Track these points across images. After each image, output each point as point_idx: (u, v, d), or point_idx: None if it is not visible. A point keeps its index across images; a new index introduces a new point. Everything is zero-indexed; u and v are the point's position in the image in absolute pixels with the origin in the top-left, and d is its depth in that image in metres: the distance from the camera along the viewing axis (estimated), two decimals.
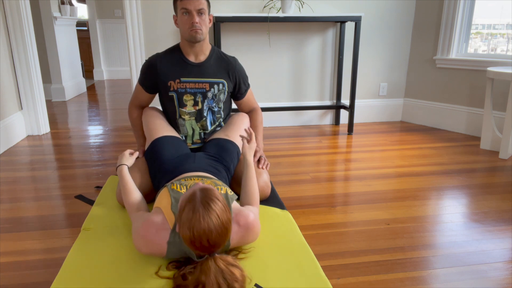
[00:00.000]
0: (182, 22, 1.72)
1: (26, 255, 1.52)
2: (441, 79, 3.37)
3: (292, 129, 3.45)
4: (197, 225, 1.06)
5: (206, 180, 1.42)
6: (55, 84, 4.72)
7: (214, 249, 1.10)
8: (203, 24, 1.73)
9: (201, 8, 1.70)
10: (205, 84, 1.82)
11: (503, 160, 2.62)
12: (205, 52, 1.83)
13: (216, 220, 1.07)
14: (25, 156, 2.70)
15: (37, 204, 1.97)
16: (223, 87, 1.85)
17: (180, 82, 1.80)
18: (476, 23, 3.20)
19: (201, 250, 1.10)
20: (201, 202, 1.09)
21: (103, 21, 6.36)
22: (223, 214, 1.09)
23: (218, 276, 1.07)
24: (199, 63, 1.82)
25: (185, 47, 1.81)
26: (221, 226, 1.08)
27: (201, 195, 1.11)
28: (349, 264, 1.47)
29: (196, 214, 1.07)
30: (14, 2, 2.93)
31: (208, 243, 1.07)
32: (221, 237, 1.09)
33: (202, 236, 1.06)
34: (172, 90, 1.81)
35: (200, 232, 1.06)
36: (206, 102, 1.84)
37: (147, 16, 3.10)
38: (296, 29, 3.33)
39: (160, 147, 1.70)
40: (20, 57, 3.05)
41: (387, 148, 2.89)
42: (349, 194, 2.10)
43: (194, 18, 1.69)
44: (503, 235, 1.68)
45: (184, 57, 1.81)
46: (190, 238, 1.07)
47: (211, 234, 1.06)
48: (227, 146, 1.76)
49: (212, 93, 1.84)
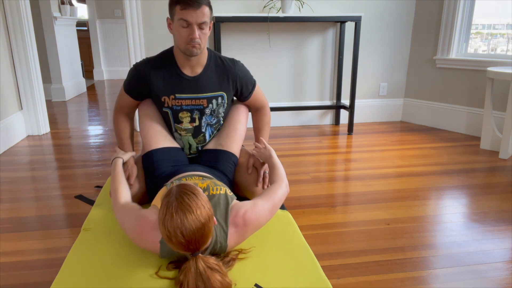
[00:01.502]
0: (179, 33, 1.49)
1: (26, 255, 1.52)
2: (441, 79, 3.37)
3: (292, 129, 3.45)
4: (169, 219, 1.04)
5: (206, 179, 1.42)
6: (55, 84, 4.72)
7: (194, 247, 1.07)
8: (203, 38, 1.52)
9: (204, 22, 1.47)
10: (202, 100, 1.64)
11: (503, 160, 2.62)
12: (202, 63, 1.62)
13: (190, 215, 1.04)
14: (25, 156, 2.70)
15: (37, 204, 1.97)
16: (222, 100, 1.68)
17: (175, 98, 1.62)
18: (476, 23, 3.21)
19: (181, 248, 1.07)
20: (176, 196, 1.07)
21: (103, 21, 6.36)
22: (199, 209, 1.06)
23: (197, 279, 1.05)
24: (195, 76, 1.62)
25: (179, 58, 1.60)
26: (195, 220, 1.04)
27: (177, 190, 1.10)
28: (349, 264, 1.47)
29: (170, 208, 1.05)
30: (14, 2, 2.93)
31: (184, 239, 1.04)
32: (198, 232, 1.05)
33: (176, 231, 1.03)
34: (166, 106, 1.65)
35: (173, 226, 1.03)
36: (204, 119, 1.68)
37: (147, 16, 3.10)
38: (296, 29, 3.33)
39: (157, 159, 1.64)
40: (20, 57, 3.05)
41: (387, 148, 2.89)
42: (349, 194, 2.10)
43: (194, 34, 1.47)
44: (503, 235, 1.68)
45: (179, 70, 1.61)
46: (167, 235, 1.05)
47: (184, 228, 1.03)
48: (221, 157, 1.68)
49: (210, 109, 1.67)
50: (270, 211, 1.34)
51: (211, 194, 1.31)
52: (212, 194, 1.31)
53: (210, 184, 1.36)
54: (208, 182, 1.38)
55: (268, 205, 1.33)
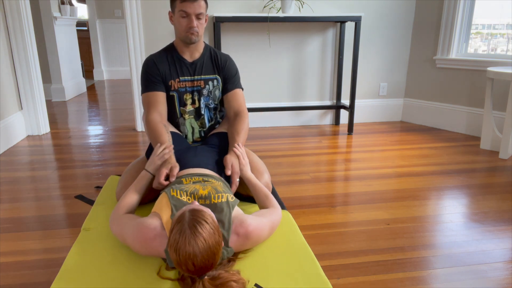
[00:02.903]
0: (179, 23, 1.74)
1: (26, 255, 1.52)
2: (441, 79, 3.37)
3: (292, 129, 3.45)
4: (183, 248, 1.04)
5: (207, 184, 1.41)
6: (55, 84, 4.72)
7: (201, 273, 1.08)
8: (200, 28, 1.76)
9: (201, 13, 1.72)
10: (200, 82, 1.85)
11: (503, 160, 2.62)
12: (200, 49, 1.86)
13: (202, 244, 1.05)
14: (25, 156, 2.70)
15: (37, 204, 1.97)
16: (217, 83, 1.88)
17: (180, 81, 1.83)
18: (476, 23, 3.20)
19: (189, 274, 1.09)
20: (189, 224, 1.07)
21: (103, 21, 6.36)
22: (210, 238, 1.07)
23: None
24: (193, 61, 1.85)
25: (180, 45, 1.84)
26: (207, 250, 1.06)
27: (190, 216, 1.09)
28: (349, 264, 1.47)
29: (182, 237, 1.05)
30: (14, 2, 2.93)
31: (193, 267, 1.06)
32: (207, 261, 1.06)
33: (187, 260, 1.05)
34: (173, 89, 1.83)
35: (185, 256, 1.04)
36: (202, 100, 1.87)
37: (147, 16, 3.10)
38: (296, 29, 3.33)
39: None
40: (20, 57, 3.05)
41: (387, 148, 2.89)
42: (349, 194, 2.10)
43: (192, 23, 1.72)
44: (503, 235, 1.68)
45: (180, 55, 1.84)
46: (177, 261, 1.06)
47: (196, 258, 1.04)
48: (226, 139, 1.81)
49: (207, 90, 1.86)
50: (268, 233, 1.39)
51: (212, 203, 1.31)
52: (213, 203, 1.31)
53: (212, 191, 1.35)
54: (209, 189, 1.37)
55: (268, 226, 1.38)
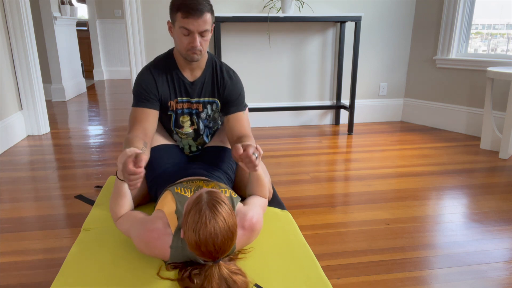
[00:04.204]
0: (180, 39, 1.48)
1: (26, 255, 1.52)
2: (441, 79, 3.37)
3: (292, 129, 3.45)
4: (203, 228, 1.03)
5: (210, 182, 1.41)
6: (55, 84, 4.72)
7: (219, 255, 1.08)
8: (204, 45, 1.50)
9: (205, 30, 1.46)
10: (198, 105, 1.66)
11: (503, 160, 2.62)
12: (202, 66, 1.62)
13: (223, 224, 1.04)
14: (25, 156, 2.70)
15: (37, 204, 1.97)
16: (216, 107, 1.68)
17: (178, 102, 1.64)
18: (476, 23, 3.20)
19: (207, 256, 1.07)
20: (208, 204, 1.07)
21: (103, 21, 6.36)
22: (229, 218, 1.07)
23: (221, 284, 1.06)
24: (194, 81, 1.63)
25: (180, 61, 1.60)
26: (227, 230, 1.05)
27: (208, 197, 1.09)
28: (349, 264, 1.47)
29: (203, 217, 1.04)
30: (14, 2, 2.93)
31: (214, 248, 1.05)
32: (227, 242, 1.06)
33: (208, 240, 1.03)
34: (171, 110, 1.65)
35: (206, 235, 1.03)
36: (201, 122, 1.71)
37: (147, 16, 3.10)
38: (296, 29, 3.33)
39: (157, 156, 1.64)
40: (20, 57, 3.05)
41: (387, 148, 2.89)
42: (349, 194, 2.10)
43: (195, 42, 1.45)
44: (503, 235, 1.68)
45: (180, 73, 1.61)
46: (196, 242, 1.05)
47: (216, 237, 1.04)
48: (222, 154, 1.70)
49: (205, 113, 1.69)
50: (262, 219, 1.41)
51: None
52: None
53: (215, 187, 1.36)
54: (213, 185, 1.38)
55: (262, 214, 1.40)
